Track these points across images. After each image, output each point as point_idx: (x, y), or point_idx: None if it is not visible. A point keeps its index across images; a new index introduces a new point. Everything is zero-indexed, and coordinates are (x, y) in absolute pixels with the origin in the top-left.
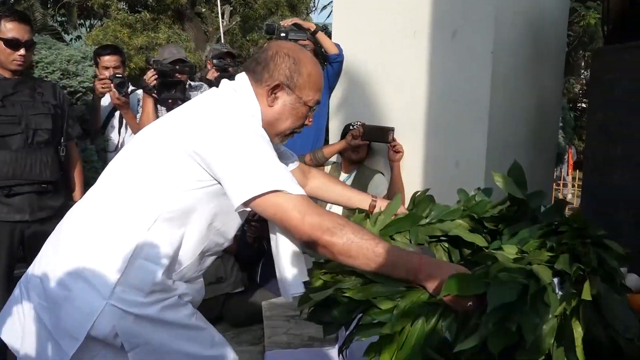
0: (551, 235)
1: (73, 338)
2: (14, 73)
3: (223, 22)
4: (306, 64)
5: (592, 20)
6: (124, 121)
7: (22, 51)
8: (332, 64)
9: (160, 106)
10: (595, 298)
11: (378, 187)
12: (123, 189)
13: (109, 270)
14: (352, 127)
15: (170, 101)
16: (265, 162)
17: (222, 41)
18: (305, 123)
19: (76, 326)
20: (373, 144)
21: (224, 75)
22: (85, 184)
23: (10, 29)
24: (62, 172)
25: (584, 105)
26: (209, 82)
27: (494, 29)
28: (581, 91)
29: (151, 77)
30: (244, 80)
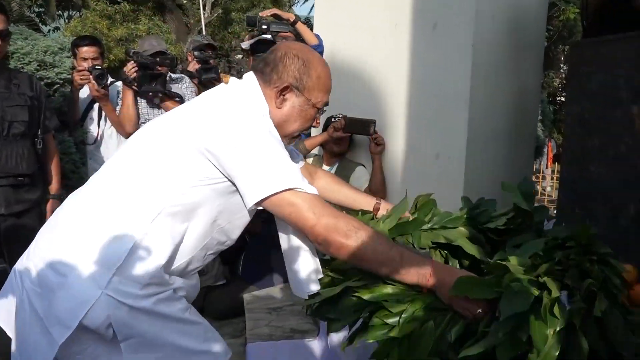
0: (558, 249)
1: (64, 326)
2: None
3: (204, 14)
4: (315, 66)
5: (572, 14)
6: (103, 113)
7: None
8: None
9: (140, 98)
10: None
11: (360, 180)
12: (129, 180)
13: (108, 259)
14: (334, 120)
15: (150, 94)
16: (279, 161)
17: (204, 33)
18: (312, 125)
19: (69, 314)
20: (355, 137)
21: (205, 67)
22: (63, 177)
23: None
24: (39, 165)
25: (563, 99)
26: (190, 74)
27: (475, 22)
28: (560, 85)
29: (131, 69)
30: (253, 80)
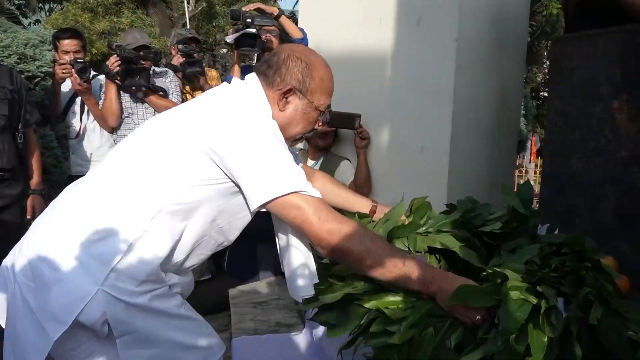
0: (553, 255)
1: (59, 322)
2: None
3: (188, 8)
4: (318, 69)
5: (555, 10)
6: (86, 108)
7: None
8: None
9: (123, 92)
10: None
11: (344, 174)
12: (130, 177)
13: (106, 256)
14: None
15: (133, 88)
16: (285, 164)
17: (188, 26)
18: (315, 127)
19: (64, 310)
20: (339, 131)
21: (190, 61)
22: (44, 171)
23: None
24: (20, 160)
25: (546, 94)
26: (174, 68)
27: (458, 17)
28: (543, 80)
29: (114, 63)
30: (256, 82)
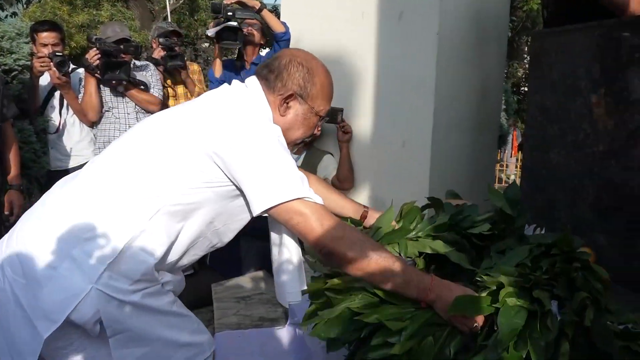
0: (543, 256)
1: (51, 320)
2: None
3: (170, 1)
4: (319, 74)
5: (535, 5)
6: (65, 102)
7: None
8: (280, 43)
9: (103, 86)
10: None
11: (327, 168)
12: (128, 176)
13: (101, 254)
14: None
15: (114, 82)
16: (288, 170)
17: (169, 20)
18: (314, 132)
19: (56, 308)
20: (322, 125)
21: (171, 54)
22: (22, 166)
23: None
24: None
25: (527, 89)
26: (155, 62)
27: (439, 12)
28: (524, 75)
29: (94, 57)
30: (257, 86)
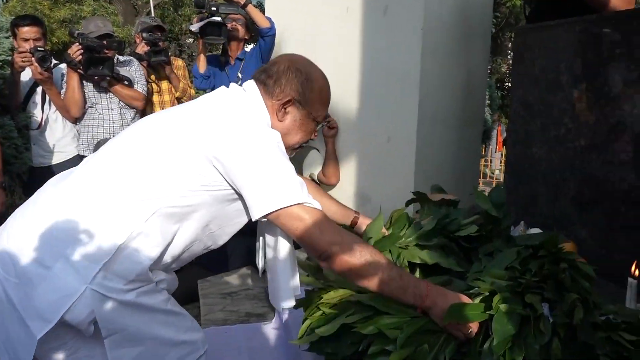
0: (531, 258)
1: (44, 320)
2: None
3: None
4: (317, 80)
5: (518, 1)
6: (47, 97)
7: None
8: (265, 38)
9: (86, 82)
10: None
11: (313, 163)
12: (124, 177)
13: (96, 254)
14: None
15: (96, 78)
16: (288, 175)
17: (152, 15)
18: (312, 138)
19: (50, 308)
20: None
21: (155, 49)
22: (4, 162)
23: None
24: None
25: (511, 84)
26: (139, 57)
27: (424, 7)
28: (508, 71)
29: (76, 52)
30: (255, 90)
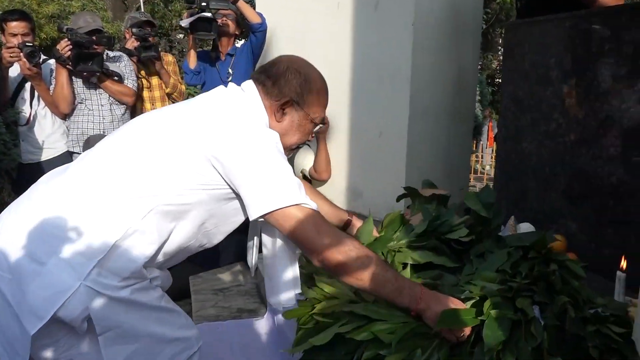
0: (521, 260)
1: (37, 316)
2: None
3: None
4: (316, 82)
5: None
6: (36, 93)
7: None
8: (256, 34)
9: (75, 78)
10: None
11: (304, 159)
12: (121, 174)
13: (91, 251)
14: None
15: (85, 73)
16: (286, 176)
17: (142, 10)
18: (308, 139)
19: (44, 304)
20: None
21: (145, 45)
22: None
23: None
24: None
25: (501, 80)
26: (129, 52)
27: (415, 2)
28: (498, 67)
29: (65, 48)
30: (253, 90)
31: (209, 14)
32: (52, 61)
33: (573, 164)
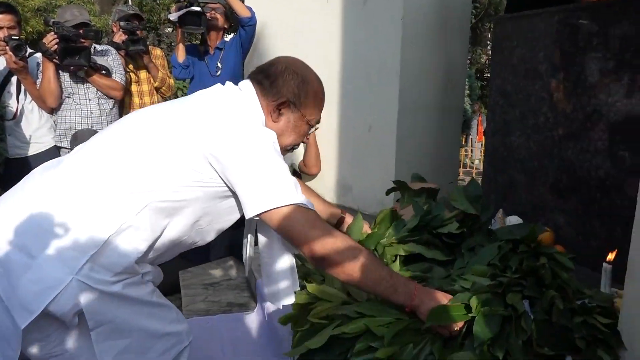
0: (511, 253)
1: (28, 310)
2: None
3: None
4: (313, 83)
5: None
6: (23, 87)
7: None
8: (245, 28)
9: (62, 72)
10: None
11: (294, 153)
12: (117, 169)
13: (84, 245)
14: None
15: (72, 68)
16: (283, 176)
17: (130, 3)
18: (304, 140)
19: (34, 298)
20: None
21: (133, 38)
22: None
23: None
24: None
25: (490, 73)
26: (117, 46)
27: None
28: (487, 61)
29: (52, 41)
30: (251, 89)
31: (198, 8)
32: (39, 55)
33: (561, 158)
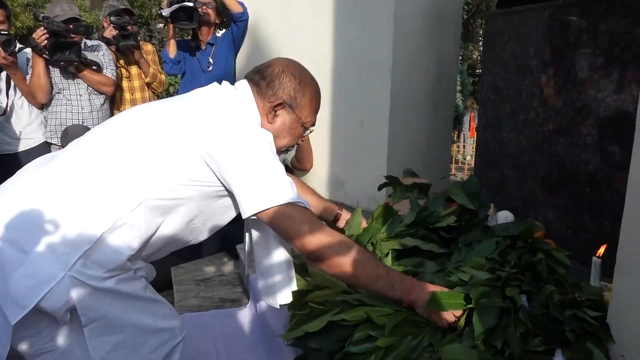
0: (509, 248)
1: (20, 306)
2: None
3: None
4: (309, 86)
5: None
6: (12, 83)
7: None
8: (237, 23)
9: (52, 67)
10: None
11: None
12: (112, 166)
13: (77, 242)
14: None
15: (62, 63)
16: (279, 175)
17: None
18: (298, 142)
19: (26, 293)
20: None
21: (123, 33)
22: None
23: None
24: None
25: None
26: (107, 41)
27: None
28: (479, 58)
29: (41, 37)
30: (247, 90)
31: (190, 3)
32: (29, 50)
33: (551, 153)
